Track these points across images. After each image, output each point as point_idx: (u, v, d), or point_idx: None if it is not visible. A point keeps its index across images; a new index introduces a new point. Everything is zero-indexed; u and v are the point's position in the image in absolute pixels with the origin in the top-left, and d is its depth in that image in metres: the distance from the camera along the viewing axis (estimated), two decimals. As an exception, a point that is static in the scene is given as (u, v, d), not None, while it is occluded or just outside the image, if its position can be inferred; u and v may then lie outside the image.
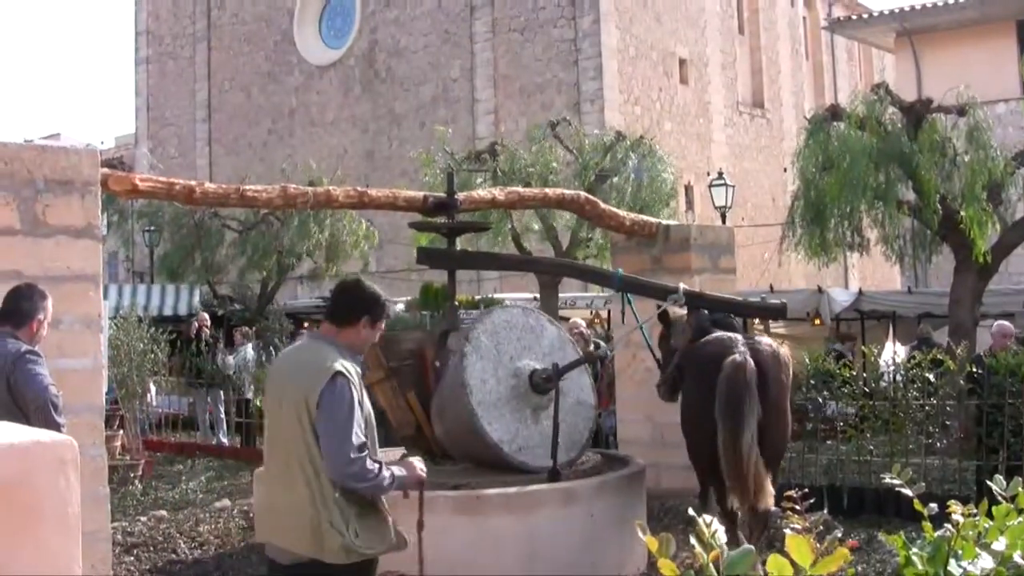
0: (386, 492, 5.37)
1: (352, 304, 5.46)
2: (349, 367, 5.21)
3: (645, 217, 13.77)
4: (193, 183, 9.42)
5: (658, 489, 10.63)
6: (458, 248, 11.78)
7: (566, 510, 8.84)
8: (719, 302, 10.78)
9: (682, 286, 10.39)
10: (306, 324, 27.55)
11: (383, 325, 5.60)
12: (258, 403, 18.97)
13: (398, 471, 5.39)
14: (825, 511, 10.90)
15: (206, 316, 21.83)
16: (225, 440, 19.23)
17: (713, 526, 2.11)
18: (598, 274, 11.77)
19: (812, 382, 12.35)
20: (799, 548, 1.97)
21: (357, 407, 5.16)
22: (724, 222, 27.45)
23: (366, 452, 5.14)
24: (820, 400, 12.23)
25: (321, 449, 5.13)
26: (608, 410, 13.83)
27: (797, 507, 2.38)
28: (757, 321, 25.11)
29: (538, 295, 23.33)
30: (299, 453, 5.20)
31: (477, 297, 23.85)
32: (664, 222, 13.59)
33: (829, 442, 12.79)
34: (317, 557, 5.15)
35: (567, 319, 20.37)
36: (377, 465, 5.20)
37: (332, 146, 41.94)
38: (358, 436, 5.11)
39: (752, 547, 2.04)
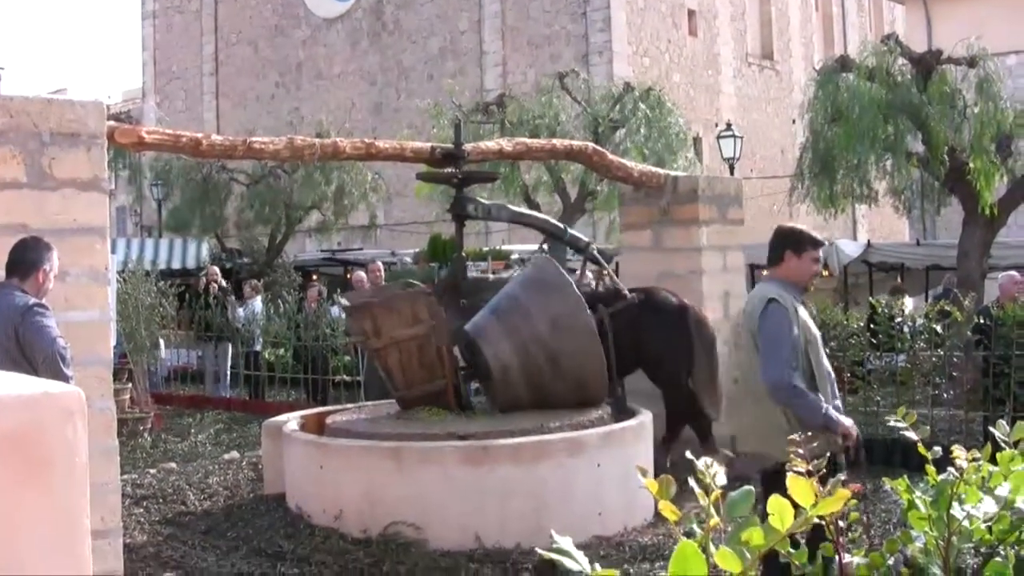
0: (812, 419, 5.98)
1: (774, 245, 6.37)
2: (785, 295, 6.15)
3: (653, 168, 13.73)
4: (200, 135, 9.40)
5: (665, 440, 10.66)
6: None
7: (573, 460, 8.87)
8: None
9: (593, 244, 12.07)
10: (314, 277, 27.60)
11: (817, 255, 6.44)
12: (266, 356, 19.02)
13: (835, 412, 6.12)
14: (827, 454, 10.95)
15: (216, 270, 21.84)
16: (226, 392, 19.27)
17: (712, 468, 2.11)
18: (552, 227, 12.22)
19: (832, 334, 12.31)
20: (801, 489, 1.98)
21: (790, 329, 6.07)
22: (732, 174, 27.39)
23: (792, 370, 6.01)
24: (826, 351, 12.20)
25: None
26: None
27: (800, 451, 2.38)
28: (765, 272, 25.11)
29: (546, 246, 23.31)
30: (754, 372, 6.18)
31: (485, 248, 23.93)
32: (672, 173, 13.56)
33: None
34: (781, 459, 5.78)
35: (573, 271, 20.37)
36: (810, 392, 6.06)
37: (340, 99, 41.82)
38: (785, 354, 6.01)
39: (752, 488, 2.04)
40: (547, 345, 9.83)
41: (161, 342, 18.57)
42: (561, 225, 12.33)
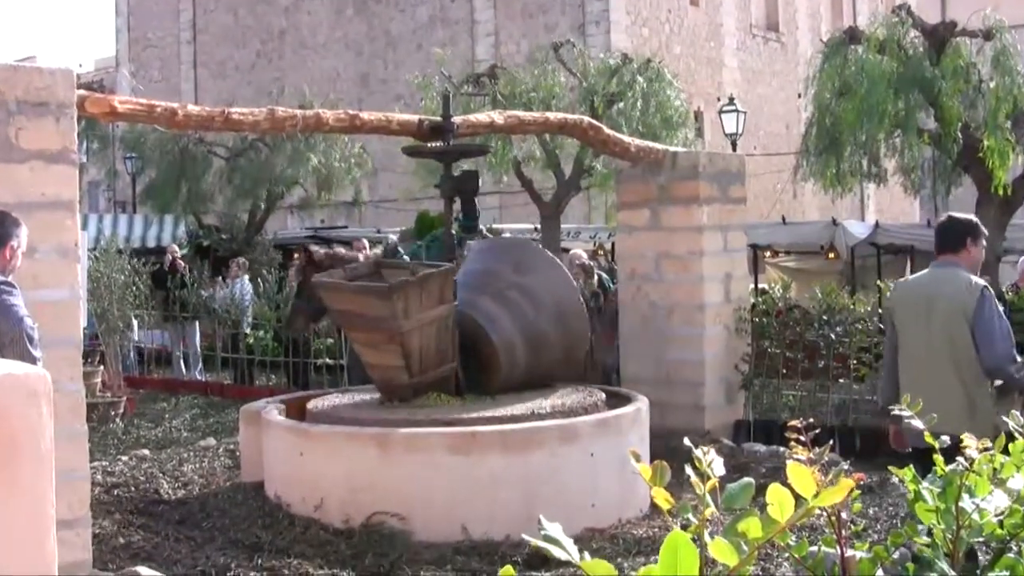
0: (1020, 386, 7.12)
1: (956, 232, 7.26)
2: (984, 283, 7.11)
3: (652, 144, 13.73)
4: (175, 105, 9.37)
5: (662, 428, 10.64)
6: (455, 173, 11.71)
7: (565, 449, 8.88)
8: None
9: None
10: (296, 255, 27.55)
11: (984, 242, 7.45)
12: (247, 338, 18.97)
13: None
14: (830, 442, 10.94)
15: (176, 248, 21.74)
16: (199, 376, 19.24)
17: (710, 455, 2.10)
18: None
19: (825, 318, 12.34)
20: (801, 477, 1.96)
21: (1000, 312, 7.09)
22: (735, 150, 27.37)
23: (1013, 348, 7.04)
24: (832, 336, 12.20)
25: (977, 345, 6.96)
26: (611, 346, 13.82)
27: (801, 438, 2.37)
28: (768, 254, 25.17)
29: (539, 225, 23.32)
30: (953, 351, 7.04)
31: (475, 228, 23.93)
32: (671, 149, 13.56)
33: (842, 381, 12.80)
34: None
35: (567, 250, 20.36)
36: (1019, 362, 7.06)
37: (324, 69, 41.71)
38: (1005, 335, 7.00)
39: (752, 480, 2.03)
40: (521, 285, 10.23)
41: (135, 323, 18.54)
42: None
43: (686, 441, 2.38)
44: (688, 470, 2.09)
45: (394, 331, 9.44)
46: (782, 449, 9.74)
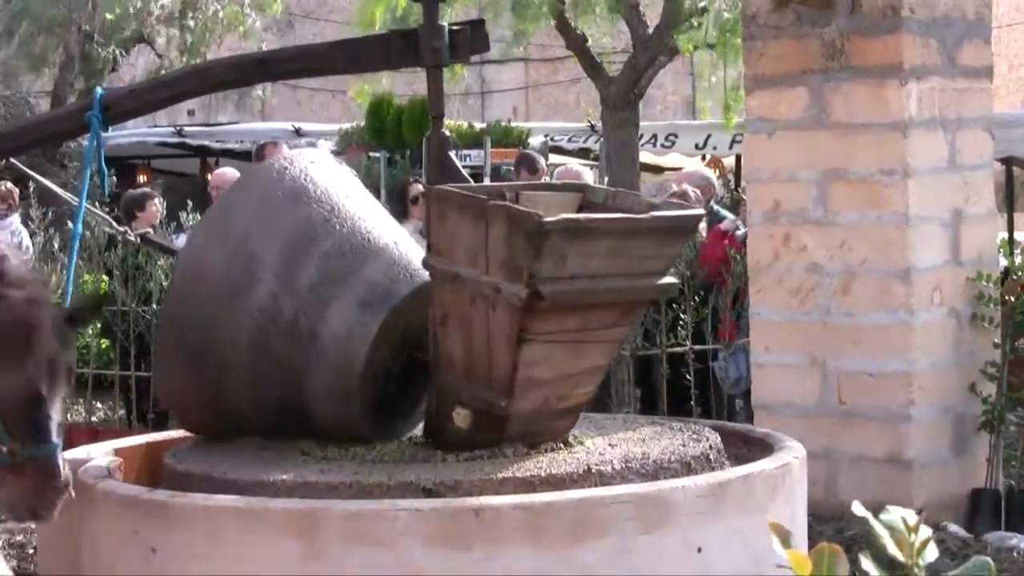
0: None
1: None
2: None
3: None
4: None
5: (830, 501, 10.71)
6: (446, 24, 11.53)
7: (649, 539, 8.87)
8: None
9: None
10: (143, 177, 27.65)
11: None
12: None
13: None
14: None
15: None
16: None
17: (921, 533, 2.13)
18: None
19: None
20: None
21: None
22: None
23: None
24: None
25: None
26: (733, 344, 13.81)
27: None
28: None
29: (598, 122, 23.33)
30: None
31: (480, 125, 23.86)
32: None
33: None
34: None
35: (661, 170, 20.43)
36: None
37: None
38: None
39: (988, 562, 2.05)
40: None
41: None
42: None
43: (856, 507, 2.37)
44: (864, 565, 2.09)
45: (645, 295, 9.33)
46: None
